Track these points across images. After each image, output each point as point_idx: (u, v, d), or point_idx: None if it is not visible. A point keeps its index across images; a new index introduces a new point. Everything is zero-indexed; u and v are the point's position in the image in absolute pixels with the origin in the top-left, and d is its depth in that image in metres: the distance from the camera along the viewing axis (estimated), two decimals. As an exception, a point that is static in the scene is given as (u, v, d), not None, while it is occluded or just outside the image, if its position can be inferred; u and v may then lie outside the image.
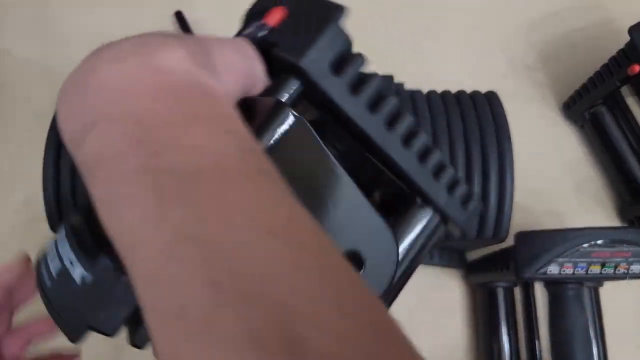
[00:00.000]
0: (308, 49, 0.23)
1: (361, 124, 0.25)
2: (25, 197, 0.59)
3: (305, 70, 0.23)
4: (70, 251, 0.22)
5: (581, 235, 0.42)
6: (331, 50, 0.25)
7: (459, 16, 0.67)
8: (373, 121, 0.25)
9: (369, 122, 0.25)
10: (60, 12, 0.67)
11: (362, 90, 0.25)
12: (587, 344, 0.46)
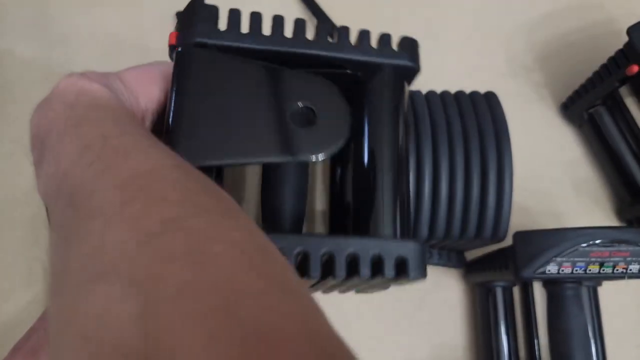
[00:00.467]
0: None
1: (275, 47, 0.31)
2: (26, 196, 0.59)
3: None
4: None
5: (580, 234, 0.42)
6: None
7: (458, 16, 0.67)
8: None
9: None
10: (60, 12, 0.67)
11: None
12: (585, 344, 0.46)
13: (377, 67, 0.33)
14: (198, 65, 0.28)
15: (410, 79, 0.36)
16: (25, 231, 0.58)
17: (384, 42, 0.33)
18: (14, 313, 0.55)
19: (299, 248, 0.27)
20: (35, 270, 0.56)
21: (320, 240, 0.28)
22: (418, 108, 0.43)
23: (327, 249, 0.28)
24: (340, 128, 0.28)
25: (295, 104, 0.28)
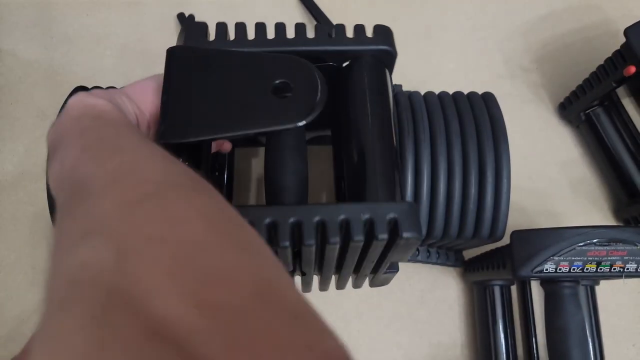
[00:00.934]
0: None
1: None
2: (28, 195, 0.59)
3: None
4: None
5: (577, 234, 0.42)
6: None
7: (457, 18, 0.68)
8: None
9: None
10: (63, 13, 0.68)
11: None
12: (583, 342, 0.46)
13: (355, 54, 0.36)
14: (186, 58, 0.32)
15: (389, 64, 0.38)
16: (28, 231, 0.58)
17: (359, 32, 0.37)
18: (18, 310, 0.55)
19: (293, 218, 0.29)
20: (38, 269, 0.57)
21: (313, 209, 0.29)
22: (416, 108, 0.44)
23: (320, 217, 0.29)
24: (315, 96, 0.31)
25: (273, 81, 0.31)
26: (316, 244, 0.29)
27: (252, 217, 0.29)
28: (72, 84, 0.48)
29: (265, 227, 0.29)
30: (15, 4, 0.68)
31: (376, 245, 0.30)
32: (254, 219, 0.29)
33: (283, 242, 0.29)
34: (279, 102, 0.30)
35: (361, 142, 0.35)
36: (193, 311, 0.15)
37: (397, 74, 0.60)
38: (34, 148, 0.61)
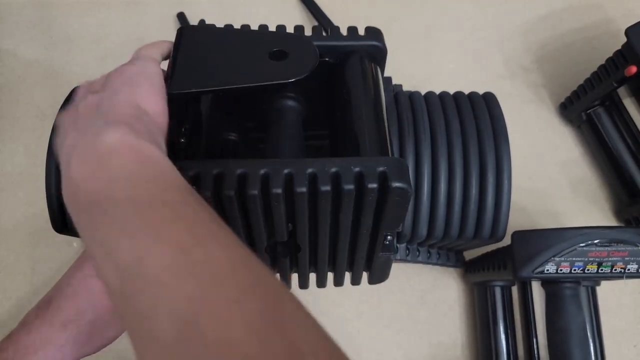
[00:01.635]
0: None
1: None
2: (27, 196, 0.59)
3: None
4: None
5: (578, 234, 0.42)
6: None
7: (457, 18, 0.68)
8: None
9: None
10: (63, 13, 0.68)
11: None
12: (584, 343, 0.46)
13: (348, 50, 0.39)
14: (194, 34, 0.36)
15: (380, 59, 0.41)
16: (27, 231, 0.58)
17: (352, 31, 0.40)
18: (16, 311, 0.55)
19: (287, 169, 0.31)
20: (37, 270, 0.57)
21: (306, 162, 0.31)
22: (417, 108, 0.44)
23: (312, 169, 0.31)
24: (309, 59, 0.34)
25: (271, 49, 0.34)
26: (308, 193, 0.31)
27: (248, 168, 0.30)
28: (72, 84, 0.48)
29: (260, 177, 0.30)
30: (16, 4, 0.68)
31: (368, 200, 0.31)
32: (250, 170, 0.30)
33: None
34: (276, 64, 0.34)
35: (354, 112, 0.38)
36: None
37: (397, 74, 0.60)
38: (34, 148, 0.61)
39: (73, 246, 0.57)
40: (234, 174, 0.30)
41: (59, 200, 0.42)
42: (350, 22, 0.65)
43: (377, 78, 0.39)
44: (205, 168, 0.31)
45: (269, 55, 0.34)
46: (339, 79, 0.39)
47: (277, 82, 0.33)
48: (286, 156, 0.37)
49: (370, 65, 0.39)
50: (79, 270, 0.33)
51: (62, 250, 0.57)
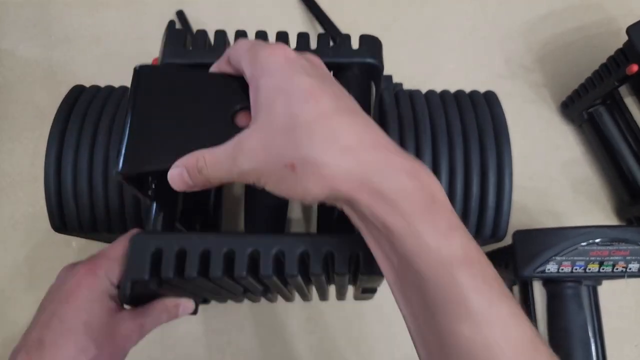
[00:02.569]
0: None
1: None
2: (27, 196, 0.59)
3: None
4: None
5: (579, 233, 0.42)
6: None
7: (458, 16, 0.68)
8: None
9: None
10: (62, 12, 0.68)
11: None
12: (585, 343, 0.46)
13: (337, 67, 0.34)
14: (152, 79, 0.32)
15: (376, 76, 0.36)
16: (26, 231, 0.58)
17: (344, 43, 0.34)
18: (15, 312, 0.55)
19: (251, 248, 0.29)
20: (36, 270, 0.56)
21: (274, 239, 0.29)
22: (417, 107, 0.43)
23: (279, 248, 0.29)
24: None
25: (234, 107, 0.30)
26: (275, 273, 0.29)
27: (212, 245, 0.29)
28: (72, 84, 0.47)
29: (223, 257, 0.29)
30: (14, 4, 0.68)
31: (339, 278, 0.30)
32: (213, 247, 0.29)
33: (240, 272, 0.29)
34: (239, 132, 0.29)
35: None
36: None
37: (397, 73, 0.60)
38: (33, 148, 0.61)
39: (72, 246, 0.57)
40: (197, 252, 0.29)
41: (58, 200, 0.42)
42: (350, 21, 0.65)
43: (368, 98, 0.35)
44: (167, 243, 0.29)
45: (232, 116, 0.30)
46: None
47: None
48: (261, 224, 0.35)
49: (362, 84, 0.35)
50: (72, 303, 0.31)
51: (61, 250, 0.57)
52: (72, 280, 0.31)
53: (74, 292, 0.31)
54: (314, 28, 0.66)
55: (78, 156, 0.42)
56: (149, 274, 0.29)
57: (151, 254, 0.29)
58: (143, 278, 0.29)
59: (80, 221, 0.43)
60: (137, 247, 0.29)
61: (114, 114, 0.43)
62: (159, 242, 0.29)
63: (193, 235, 0.30)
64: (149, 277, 0.29)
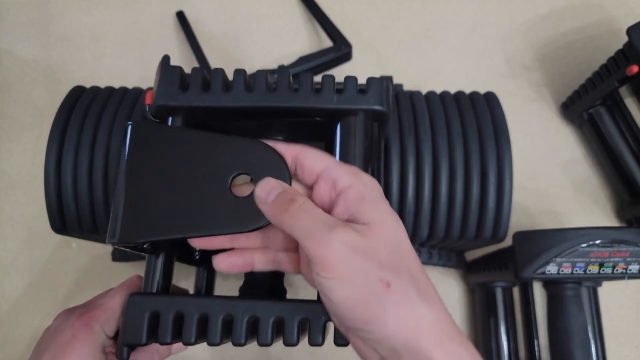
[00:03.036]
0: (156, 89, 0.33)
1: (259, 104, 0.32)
2: (26, 196, 0.59)
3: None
4: None
5: (579, 235, 0.42)
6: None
7: (458, 17, 0.67)
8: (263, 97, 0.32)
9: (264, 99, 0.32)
10: (61, 12, 0.68)
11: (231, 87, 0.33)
12: (585, 344, 0.46)
13: (342, 112, 0.32)
14: (147, 139, 0.30)
15: (382, 120, 0.34)
16: (25, 231, 0.58)
17: (349, 87, 0.33)
18: (15, 312, 0.55)
19: (274, 315, 0.29)
20: (35, 270, 0.56)
21: (274, 307, 0.29)
22: (418, 108, 0.43)
23: (279, 316, 0.29)
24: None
25: (233, 173, 0.29)
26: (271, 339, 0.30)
27: (234, 310, 0.29)
28: (71, 83, 0.47)
29: (220, 324, 0.29)
30: (13, 3, 0.68)
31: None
32: (211, 312, 0.29)
33: (238, 341, 0.29)
34: (238, 202, 0.28)
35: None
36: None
37: (398, 73, 0.60)
38: (32, 148, 0.61)
39: (72, 247, 0.57)
40: (194, 317, 0.29)
41: (57, 200, 0.42)
42: (350, 21, 0.65)
43: (371, 145, 0.34)
44: (164, 307, 0.29)
45: (231, 185, 0.29)
46: (330, 139, 0.34)
47: (237, 232, 0.29)
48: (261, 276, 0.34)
49: (367, 128, 0.33)
50: (66, 357, 0.31)
51: (60, 251, 0.57)
52: (67, 332, 0.31)
53: (70, 345, 0.31)
54: (314, 28, 0.66)
55: (78, 157, 0.42)
56: (146, 338, 0.29)
57: (148, 318, 0.29)
58: (140, 342, 0.29)
59: (80, 222, 0.43)
60: (134, 311, 0.29)
61: (114, 115, 0.43)
62: (156, 305, 0.29)
63: (190, 298, 0.29)
64: (145, 341, 0.29)
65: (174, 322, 0.29)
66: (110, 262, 0.55)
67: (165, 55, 0.33)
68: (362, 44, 0.64)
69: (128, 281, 0.34)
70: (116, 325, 0.32)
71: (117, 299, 0.33)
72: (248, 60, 0.63)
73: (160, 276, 0.32)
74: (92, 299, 0.34)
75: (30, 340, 0.54)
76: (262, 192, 0.28)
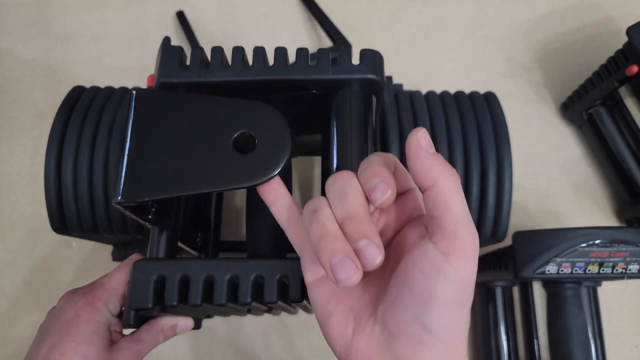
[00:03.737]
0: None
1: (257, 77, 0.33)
2: (26, 196, 0.59)
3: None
4: None
5: (579, 235, 0.42)
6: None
7: (458, 17, 0.68)
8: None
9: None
10: (61, 12, 0.68)
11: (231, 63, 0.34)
12: (585, 344, 0.46)
13: (338, 83, 0.34)
14: (149, 104, 0.31)
15: (377, 90, 0.35)
16: (26, 231, 0.58)
17: (344, 59, 0.34)
18: (15, 312, 0.55)
19: (279, 273, 0.29)
20: (35, 270, 0.56)
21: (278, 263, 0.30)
22: (417, 108, 0.43)
23: (283, 273, 0.29)
24: (280, 150, 0.29)
25: (235, 132, 0.30)
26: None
27: (239, 270, 0.29)
28: (71, 83, 0.47)
29: (226, 283, 0.29)
30: (13, 3, 0.68)
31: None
32: (240, 272, 0.29)
33: (244, 299, 0.29)
34: (240, 159, 0.29)
35: (330, 160, 0.34)
36: None
37: (398, 73, 0.60)
38: (32, 148, 0.61)
39: (72, 246, 0.57)
40: (200, 279, 0.29)
41: (57, 200, 0.42)
42: (350, 21, 0.65)
43: (367, 115, 0.35)
44: (169, 271, 0.29)
45: (234, 143, 0.30)
46: (326, 111, 0.35)
47: (241, 186, 0.30)
48: (264, 241, 0.35)
49: (362, 99, 0.35)
50: (71, 335, 0.32)
51: (60, 251, 0.57)
52: (71, 311, 0.32)
53: (74, 323, 0.31)
54: (314, 28, 0.66)
55: (78, 157, 0.42)
56: (152, 302, 0.29)
57: (154, 282, 0.29)
58: (146, 307, 0.29)
59: (81, 222, 0.43)
60: (140, 275, 0.29)
61: (114, 114, 0.43)
62: (161, 269, 0.29)
63: (195, 261, 0.30)
64: (152, 306, 0.29)
65: (179, 285, 0.29)
66: (111, 261, 0.55)
67: (166, 37, 0.35)
68: (362, 44, 0.64)
69: (129, 260, 0.34)
70: (120, 304, 0.33)
71: (120, 277, 0.33)
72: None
73: (165, 244, 0.33)
74: (96, 279, 0.34)
75: (30, 339, 0.54)
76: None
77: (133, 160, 0.29)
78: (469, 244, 0.23)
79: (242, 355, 0.53)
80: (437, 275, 0.23)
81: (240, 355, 0.53)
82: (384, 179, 0.24)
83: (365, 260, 0.22)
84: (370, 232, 0.23)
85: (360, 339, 0.25)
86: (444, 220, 0.23)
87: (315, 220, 0.24)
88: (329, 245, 0.23)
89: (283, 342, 0.54)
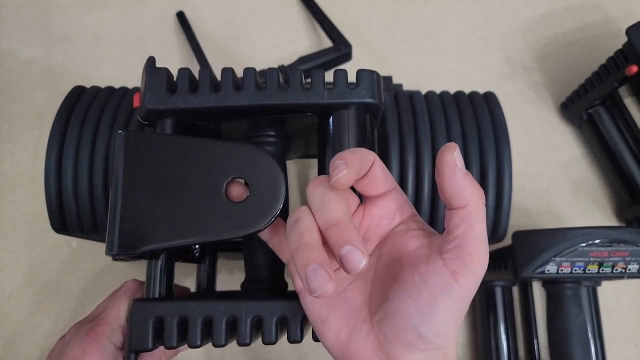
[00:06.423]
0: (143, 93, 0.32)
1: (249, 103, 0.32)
2: (26, 196, 0.59)
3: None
4: None
5: (579, 234, 0.42)
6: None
7: (458, 17, 0.68)
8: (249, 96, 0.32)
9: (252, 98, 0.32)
10: (61, 12, 0.68)
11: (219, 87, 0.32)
12: (585, 343, 0.46)
13: (333, 107, 0.32)
14: (138, 147, 0.30)
15: (374, 112, 0.34)
16: (26, 231, 0.58)
17: (340, 80, 0.32)
18: (15, 311, 0.55)
19: (278, 313, 0.29)
20: (36, 270, 0.56)
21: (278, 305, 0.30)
22: (417, 108, 0.43)
23: (281, 313, 0.29)
24: (275, 195, 0.29)
25: (227, 178, 0.29)
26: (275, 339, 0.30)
27: (238, 311, 0.29)
28: (71, 83, 0.47)
29: (224, 324, 0.29)
30: (13, 3, 0.68)
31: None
32: (215, 314, 0.29)
33: (243, 340, 0.30)
34: (233, 207, 0.28)
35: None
36: None
37: (397, 73, 0.60)
38: (32, 148, 0.61)
39: (72, 246, 0.57)
40: (199, 320, 0.29)
41: (58, 200, 0.42)
42: (350, 21, 0.65)
43: (364, 134, 0.33)
44: (168, 312, 0.29)
45: (226, 190, 0.29)
46: (321, 133, 0.34)
47: (233, 238, 0.29)
48: (261, 266, 0.35)
49: (359, 122, 0.33)
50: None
51: (61, 251, 0.57)
52: (77, 347, 0.32)
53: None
54: (314, 28, 0.66)
55: (78, 157, 0.42)
56: (152, 344, 0.29)
57: (152, 323, 0.29)
58: (146, 348, 0.29)
59: (81, 222, 0.43)
60: (138, 317, 0.29)
61: (114, 115, 0.43)
62: (159, 310, 0.29)
63: (193, 302, 0.30)
64: (152, 347, 0.29)
65: (178, 326, 0.29)
66: (111, 261, 0.55)
67: (150, 57, 0.33)
68: (362, 44, 0.65)
69: (123, 288, 0.35)
70: (122, 335, 0.33)
71: (119, 310, 0.34)
72: (248, 60, 0.63)
73: (161, 280, 0.32)
74: (95, 310, 0.35)
75: (31, 340, 0.54)
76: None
77: (124, 210, 0.29)
78: (480, 267, 0.24)
79: (242, 355, 0.53)
80: (442, 291, 0.23)
81: (240, 356, 0.54)
82: (346, 160, 0.24)
83: (350, 265, 0.23)
84: (354, 237, 0.23)
85: (356, 342, 0.26)
86: (464, 239, 0.24)
87: (293, 231, 0.25)
88: (305, 254, 0.23)
89: (283, 342, 0.54)
